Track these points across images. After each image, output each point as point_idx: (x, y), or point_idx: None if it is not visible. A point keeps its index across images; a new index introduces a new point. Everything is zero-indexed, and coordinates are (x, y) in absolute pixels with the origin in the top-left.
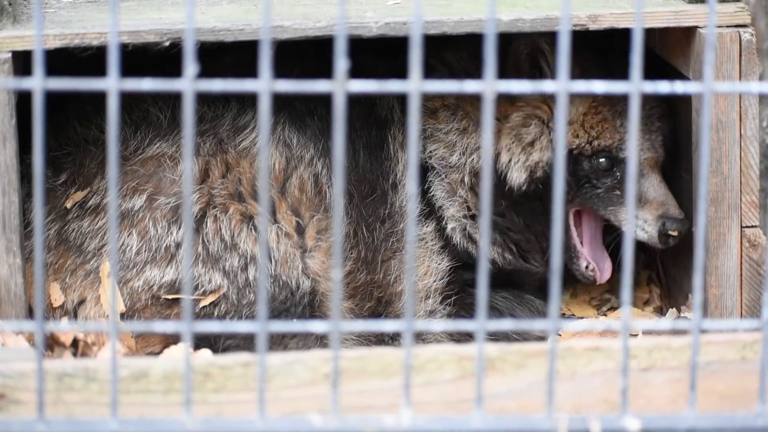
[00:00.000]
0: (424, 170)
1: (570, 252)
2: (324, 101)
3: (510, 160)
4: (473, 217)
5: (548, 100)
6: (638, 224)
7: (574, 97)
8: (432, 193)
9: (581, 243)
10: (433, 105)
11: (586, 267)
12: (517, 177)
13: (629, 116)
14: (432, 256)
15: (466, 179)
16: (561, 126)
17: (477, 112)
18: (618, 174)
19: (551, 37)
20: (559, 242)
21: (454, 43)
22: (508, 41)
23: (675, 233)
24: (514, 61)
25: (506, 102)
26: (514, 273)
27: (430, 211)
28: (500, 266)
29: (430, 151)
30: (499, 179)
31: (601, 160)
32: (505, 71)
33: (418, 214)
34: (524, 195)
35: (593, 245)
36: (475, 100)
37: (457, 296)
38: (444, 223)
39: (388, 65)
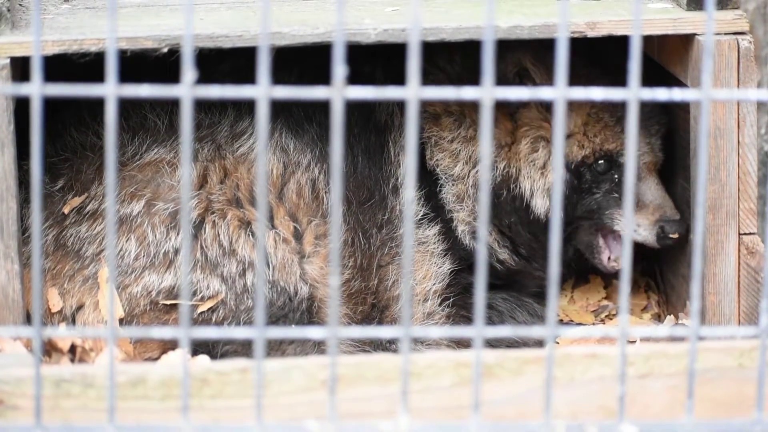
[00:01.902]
0: (433, 175)
1: (591, 248)
2: (323, 107)
3: (532, 187)
4: None
5: (549, 117)
6: (633, 227)
7: (572, 108)
8: (442, 197)
9: (602, 237)
10: (434, 110)
11: (609, 259)
12: (541, 204)
13: (627, 123)
14: (432, 259)
15: (470, 191)
16: (559, 133)
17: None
18: (616, 177)
19: (548, 45)
20: (557, 249)
21: (448, 51)
22: (501, 52)
23: (675, 236)
24: (503, 81)
25: (511, 126)
26: (516, 274)
27: (435, 215)
28: (509, 266)
29: (437, 160)
30: (523, 207)
31: (600, 162)
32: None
33: (421, 217)
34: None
35: (611, 235)
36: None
37: (457, 297)
38: (453, 225)
39: (386, 69)
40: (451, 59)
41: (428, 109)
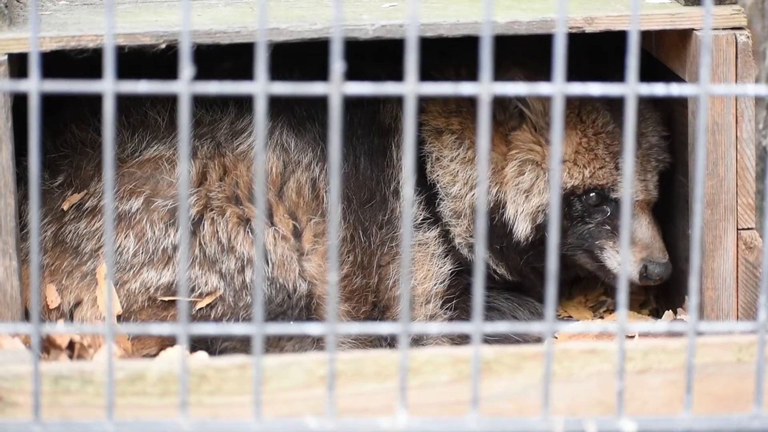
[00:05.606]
0: (433, 188)
1: (605, 270)
2: (325, 106)
3: (516, 211)
4: None
5: (542, 141)
6: (618, 260)
7: (564, 136)
8: (440, 210)
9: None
10: (437, 125)
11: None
12: (523, 228)
13: (625, 120)
14: (433, 260)
15: (467, 211)
16: (557, 129)
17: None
18: (608, 210)
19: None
20: (555, 239)
21: (453, 56)
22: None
23: (657, 279)
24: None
25: (506, 149)
26: (516, 285)
27: (435, 218)
28: (507, 279)
29: (437, 176)
30: (505, 230)
31: (591, 194)
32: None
33: (422, 220)
34: (531, 245)
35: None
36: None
37: (459, 299)
38: (451, 235)
39: (390, 70)
40: (458, 72)
41: (431, 124)
